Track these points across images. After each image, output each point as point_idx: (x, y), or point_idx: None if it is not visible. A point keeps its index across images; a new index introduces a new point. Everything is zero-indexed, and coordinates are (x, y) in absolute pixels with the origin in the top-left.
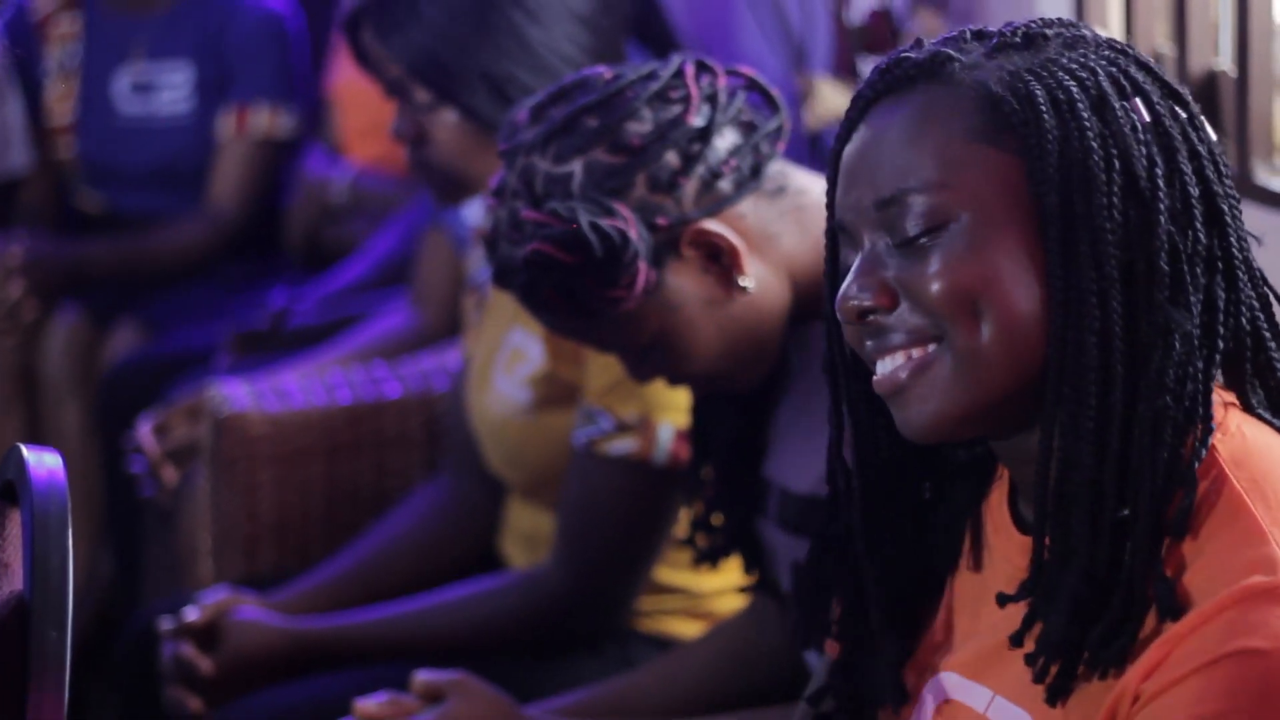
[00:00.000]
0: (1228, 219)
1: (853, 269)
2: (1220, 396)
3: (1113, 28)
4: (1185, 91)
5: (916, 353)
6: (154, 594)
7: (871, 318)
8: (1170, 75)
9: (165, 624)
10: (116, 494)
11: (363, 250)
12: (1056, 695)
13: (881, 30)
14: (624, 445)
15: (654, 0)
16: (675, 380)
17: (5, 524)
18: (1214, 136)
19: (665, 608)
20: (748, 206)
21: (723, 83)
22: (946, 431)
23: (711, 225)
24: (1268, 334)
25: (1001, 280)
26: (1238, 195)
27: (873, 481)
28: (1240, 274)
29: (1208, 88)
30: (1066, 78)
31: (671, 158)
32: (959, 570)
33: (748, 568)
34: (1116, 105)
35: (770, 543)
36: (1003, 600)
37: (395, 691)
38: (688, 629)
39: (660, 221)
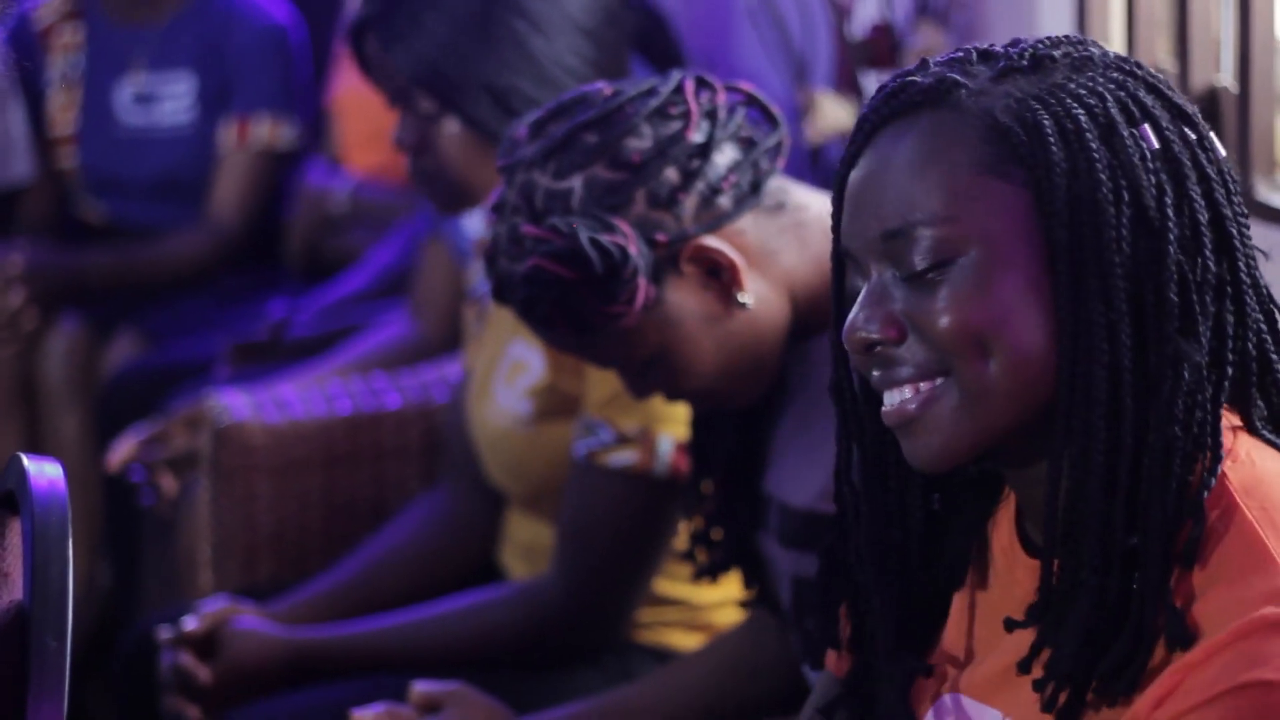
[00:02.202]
0: (1236, 243)
1: (860, 299)
2: (1227, 420)
3: (1114, 43)
4: (1194, 112)
5: (924, 386)
6: (153, 603)
7: (879, 349)
8: (1182, 97)
9: (164, 633)
10: (115, 503)
11: (363, 261)
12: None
13: (883, 45)
14: (624, 457)
15: (658, 14)
16: (674, 396)
17: (5, 533)
18: (1223, 153)
19: (664, 620)
20: (747, 223)
21: (722, 99)
22: (953, 462)
23: (711, 241)
24: (1274, 354)
25: (1009, 316)
26: (1246, 214)
27: (881, 501)
28: (1248, 297)
29: (1209, 103)
30: (1074, 105)
31: (671, 174)
32: (966, 588)
33: (747, 582)
34: (1125, 133)
35: (769, 557)
36: (1010, 626)
37: (393, 702)
38: (687, 641)
39: (660, 237)
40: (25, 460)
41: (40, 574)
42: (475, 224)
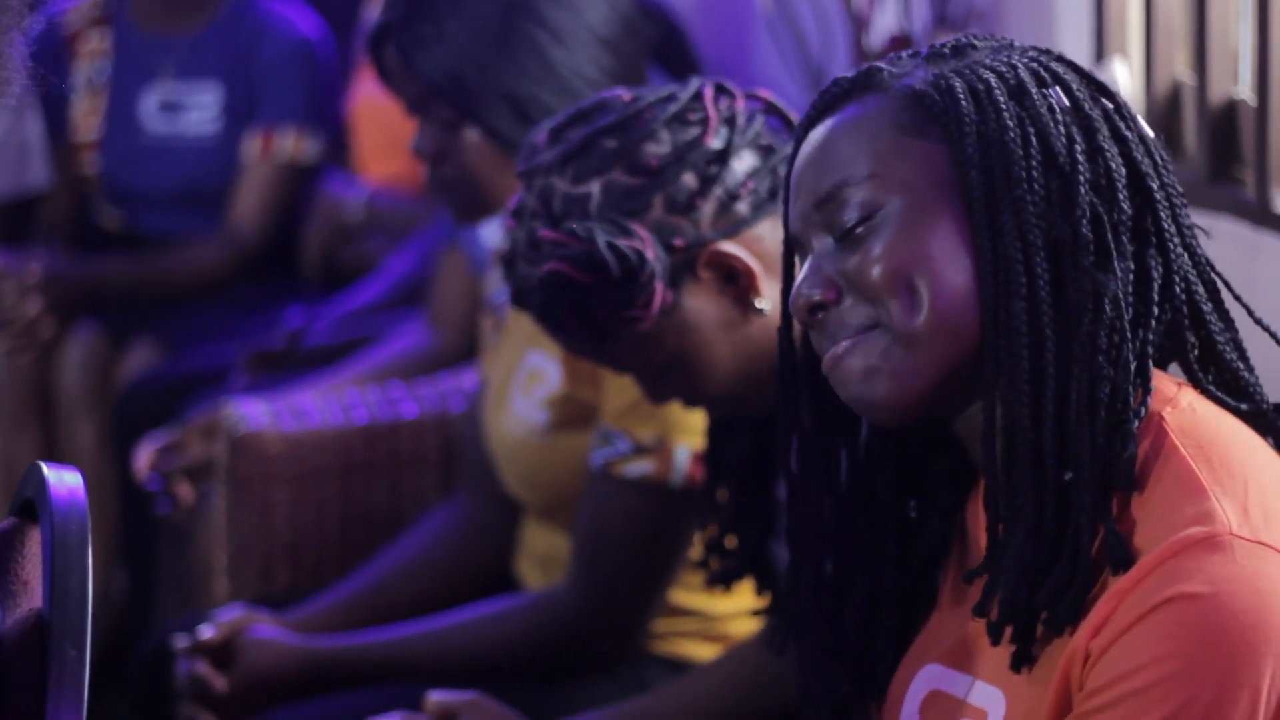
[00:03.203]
0: (1158, 197)
1: (802, 271)
2: (1174, 380)
3: (1133, 56)
4: (1115, 89)
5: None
6: (169, 612)
7: (821, 314)
8: (1102, 76)
9: (180, 642)
10: (132, 512)
11: (380, 270)
12: (1020, 661)
13: None
14: (641, 467)
15: (676, 26)
16: (691, 402)
17: (25, 541)
18: (1149, 131)
19: (679, 630)
20: (765, 229)
21: (741, 105)
22: (894, 408)
23: (728, 247)
24: (1208, 311)
25: (934, 259)
26: (1178, 188)
27: (855, 508)
28: (1173, 249)
29: (1227, 116)
30: (986, 72)
31: (689, 179)
32: (947, 574)
33: (761, 590)
34: (1035, 92)
35: (784, 565)
36: (969, 576)
37: (408, 711)
38: (702, 651)
39: (677, 243)
40: (45, 469)
41: (60, 582)
42: (492, 233)
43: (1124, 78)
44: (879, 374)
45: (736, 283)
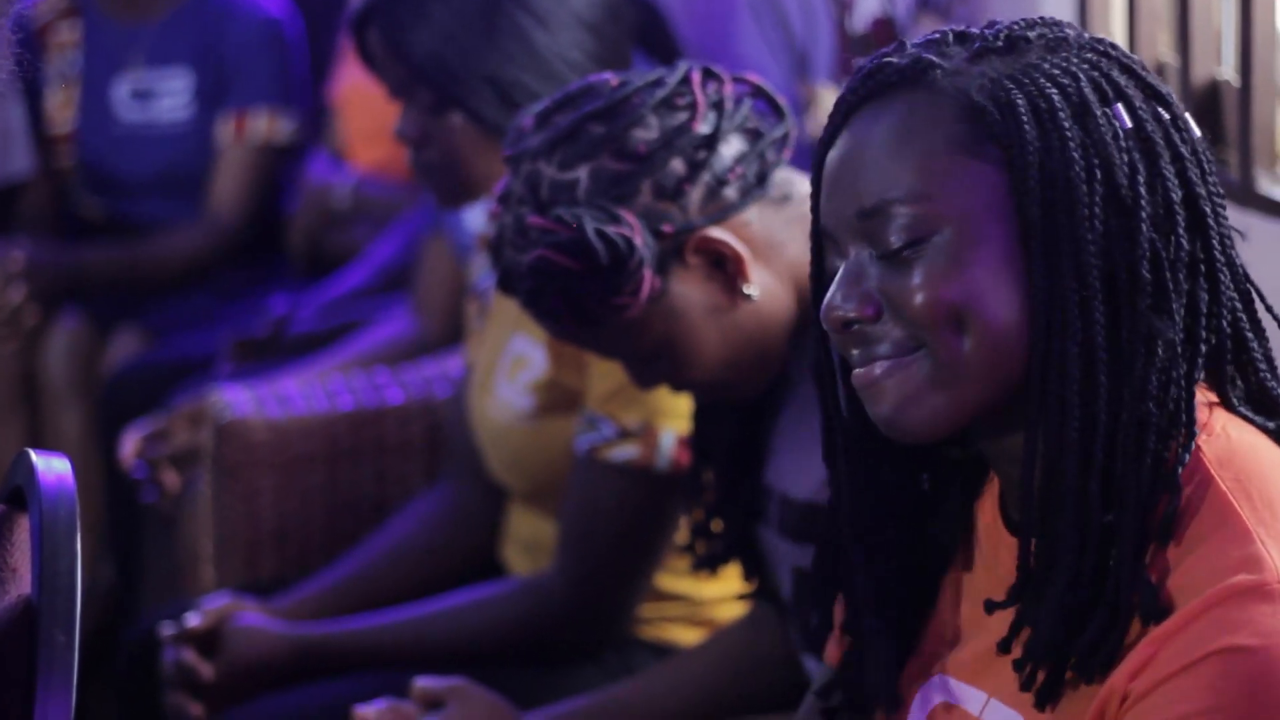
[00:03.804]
0: (1210, 221)
1: (837, 278)
2: (1203, 397)
3: (1116, 36)
4: (1168, 92)
5: (899, 360)
6: (155, 600)
7: (856, 327)
8: (1155, 78)
9: (166, 630)
10: (117, 500)
11: (364, 256)
12: (1045, 700)
13: (885, 38)
14: (626, 452)
15: (658, 10)
16: (679, 387)
17: (13, 528)
18: (1199, 134)
19: (666, 615)
20: (753, 214)
21: (729, 90)
22: (926, 432)
23: (716, 233)
24: (1249, 333)
25: (984, 293)
26: (1221, 193)
27: (867, 482)
28: (1222, 275)
29: (1211, 97)
30: (1048, 85)
31: (677, 165)
32: (954, 570)
33: (747, 575)
34: (1098, 112)
35: (770, 550)
36: (990, 607)
37: (395, 698)
38: (688, 636)
39: (665, 228)
40: (33, 456)
41: (48, 569)
42: (477, 219)
43: None
44: (916, 403)
45: (725, 268)
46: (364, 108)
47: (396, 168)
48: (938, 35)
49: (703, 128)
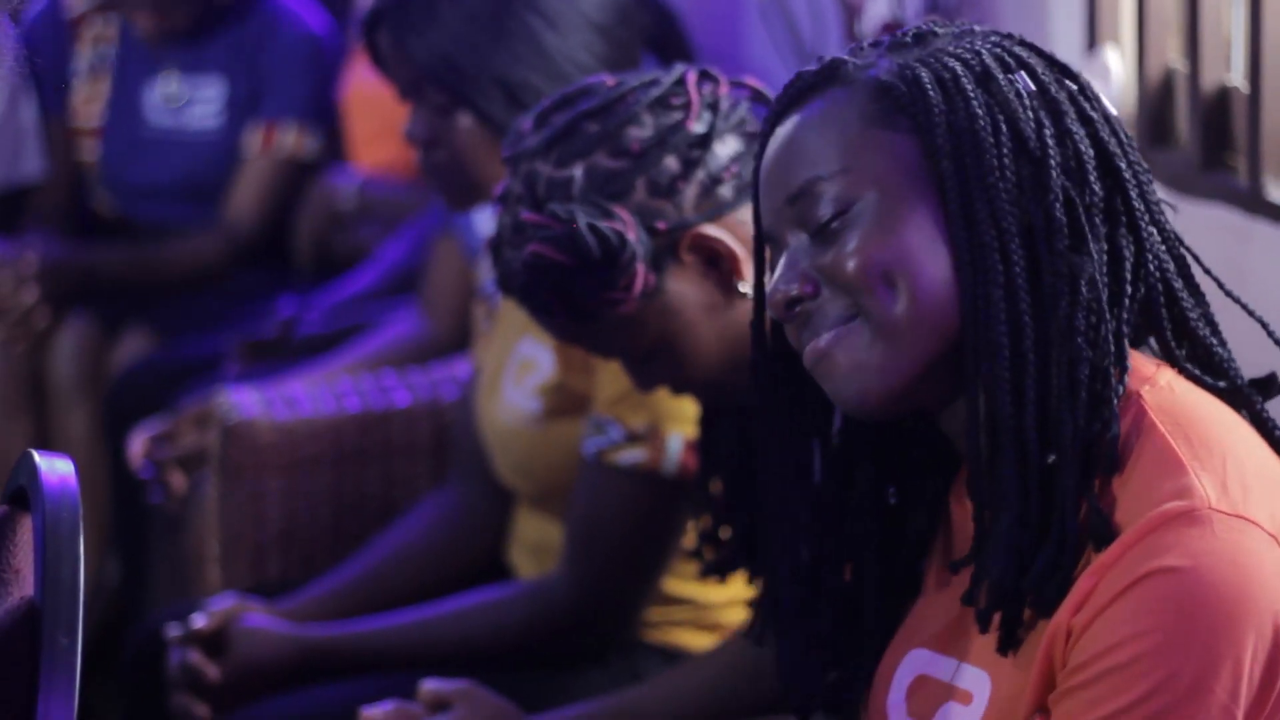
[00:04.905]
0: (1126, 177)
1: (778, 267)
2: (1152, 359)
3: (1125, 43)
4: (1077, 70)
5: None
6: (161, 601)
7: (799, 307)
8: (1057, 56)
9: (172, 631)
10: (124, 500)
11: (372, 258)
12: (1007, 645)
13: None
14: (633, 455)
15: (669, 13)
16: (678, 388)
17: (17, 530)
18: (1111, 110)
19: (673, 619)
20: (748, 213)
21: (725, 91)
22: (876, 402)
23: (711, 230)
24: (1179, 287)
25: (911, 250)
26: (1143, 164)
27: (835, 495)
28: (1144, 227)
29: (1220, 103)
30: (952, 60)
31: (671, 163)
32: (932, 560)
33: (753, 579)
34: (1001, 78)
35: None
36: (954, 566)
37: (402, 700)
38: (695, 640)
39: (659, 225)
40: (37, 457)
41: (51, 570)
42: (486, 221)
43: (1116, 65)
44: (864, 368)
45: (719, 266)
46: (370, 109)
47: (402, 168)
48: (853, 44)
49: (697, 127)
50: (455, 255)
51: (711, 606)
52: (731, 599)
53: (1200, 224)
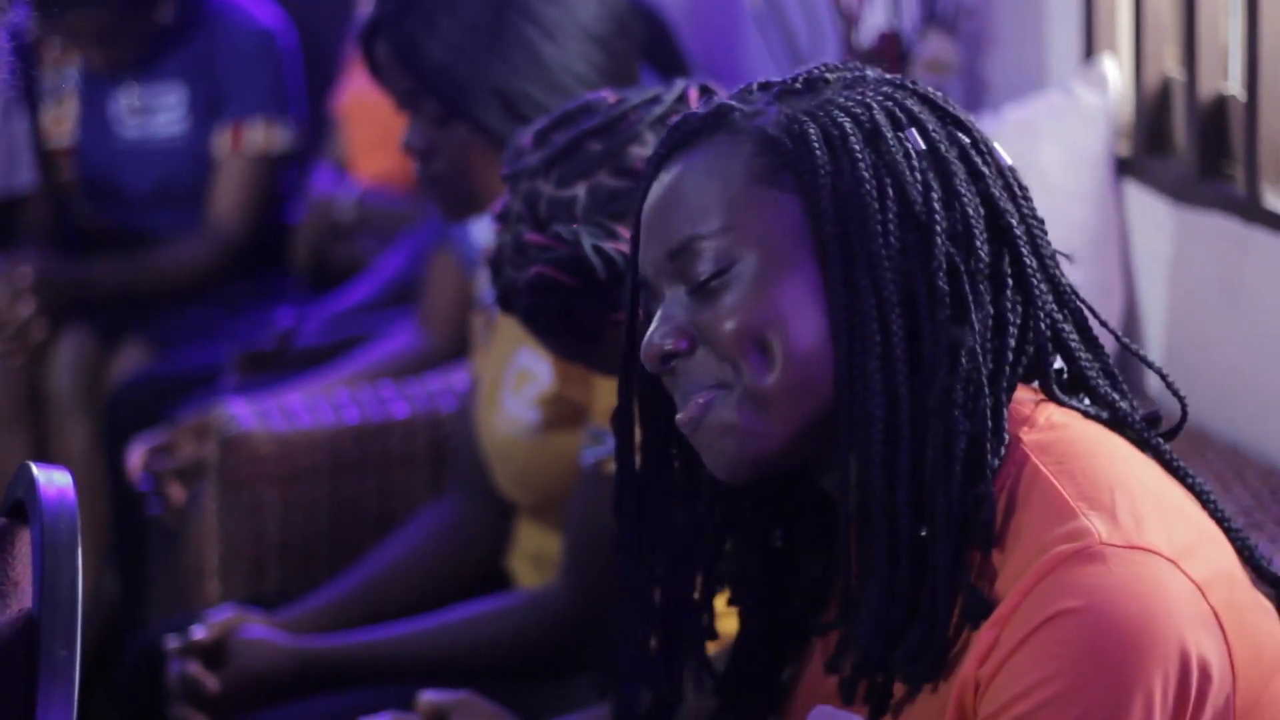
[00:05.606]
0: (1018, 234)
1: (655, 318)
2: (1030, 395)
3: (1122, 52)
4: (969, 120)
5: (712, 394)
6: (160, 612)
7: (674, 363)
8: (958, 108)
9: (171, 642)
10: (122, 512)
11: (370, 270)
12: (881, 710)
13: (891, 53)
14: None
15: (665, 24)
16: None
17: (15, 542)
18: (1007, 160)
19: None
20: None
21: None
22: (748, 469)
23: None
24: (1075, 343)
25: (788, 316)
26: (1037, 216)
27: (715, 534)
28: (1035, 285)
29: (1217, 112)
30: (841, 115)
31: None
32: (831, 611)
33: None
34: (890, 136)
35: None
36: (820, 629)
37: (400, 711)
38: None
39: None
40: (35, 469)
41: (50, 583)
42: (483, 232)
43: (1114, 74)
44: (734, 433)
45: None
46: (367, 119)
47: (401, 179)
48: (744, 86)
49: None
50: (453, 267)
51: None
52: (728, 608)
53: (1198, 232)
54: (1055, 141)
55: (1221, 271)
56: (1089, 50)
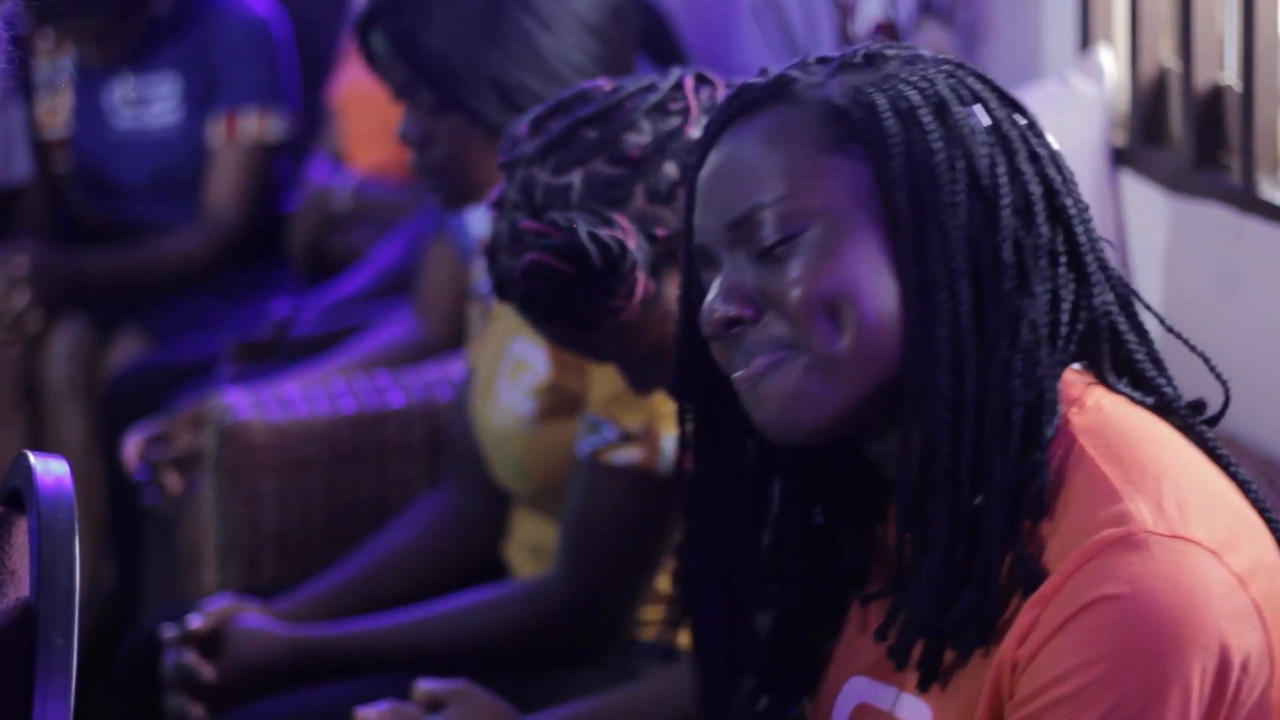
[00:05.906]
0: (1072, 214)
1: (716, 284)
2: (1081, 378)
3: (1118, 42)
4: (1023, 103)
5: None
6: (156, 602)
7: (736, 329)
8: (1009, 91)
9: (168, 631)
10: (119, 502)
11: (367, 260)
12: (929, 679)
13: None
14: (628, 455)
15: (662, 14)
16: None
17: (12, 531)
18: (1055, 144)
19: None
20: None
21: (722, 95)
22: (804, 433)
23: None
24: (1124, 328)
25: (858, 284)
26: (1084, 202)
27: (757, 514)
28: (1090, 268)
29: (1213, 102)
30: (907, 88)
31: (670, 169)
32: (870, 583)
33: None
34: (957, 110)
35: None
36: (866, 598)
37: (397, 700)
38: (690, 639)
39: (659, 232)
40: (32, 458)
41: (47, 572)
42: (480, 222)
43: (1109, 64)
44: (797, 399)
45: None
46: (364, 109)
47: (397, 170)
48: (800, 59)
49: (696, 132)
50: (449, 257)
51: None
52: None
53: (1194, 223)
54: (1051, 132)
55: (1217, 261)
56: (1085, 40)
